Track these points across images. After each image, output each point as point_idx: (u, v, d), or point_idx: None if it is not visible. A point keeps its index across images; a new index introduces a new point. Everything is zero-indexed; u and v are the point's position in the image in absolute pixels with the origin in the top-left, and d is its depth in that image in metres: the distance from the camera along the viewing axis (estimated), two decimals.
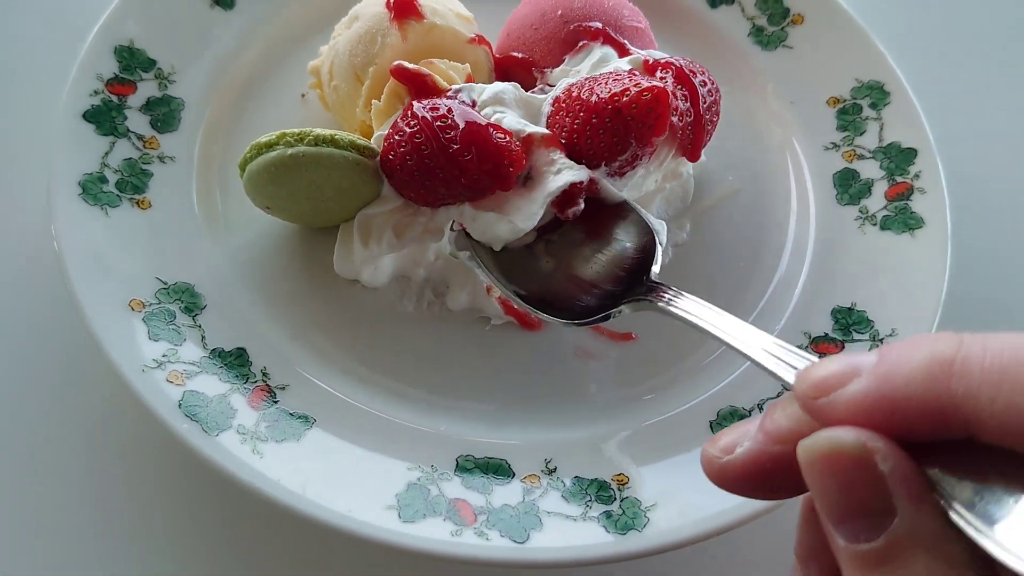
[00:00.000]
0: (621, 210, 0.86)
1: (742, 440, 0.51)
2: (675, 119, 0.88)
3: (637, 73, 0.88)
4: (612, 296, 0.81)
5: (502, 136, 0.83)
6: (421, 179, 0.84)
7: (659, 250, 0.82)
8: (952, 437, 0.43)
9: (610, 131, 0.83)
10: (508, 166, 0.83)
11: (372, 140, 0.88)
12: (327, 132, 0.84)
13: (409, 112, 0.84)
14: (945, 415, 0.42)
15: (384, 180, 0.87)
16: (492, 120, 0.85)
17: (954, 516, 0.41)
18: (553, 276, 0.85)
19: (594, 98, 0.84)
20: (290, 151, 0.83)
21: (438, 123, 0.83)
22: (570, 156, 0.86)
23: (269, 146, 0.84)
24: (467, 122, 0.83)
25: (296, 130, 0.84)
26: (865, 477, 0.42)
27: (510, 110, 0.88)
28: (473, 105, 0.87)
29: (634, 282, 0.80)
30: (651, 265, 0.81)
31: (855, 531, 0.42)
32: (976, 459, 0.43)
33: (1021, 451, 0.41)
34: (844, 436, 0.44)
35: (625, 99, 0.83)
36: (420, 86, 0.88)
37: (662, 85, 0.84)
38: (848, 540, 0.43)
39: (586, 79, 0.88)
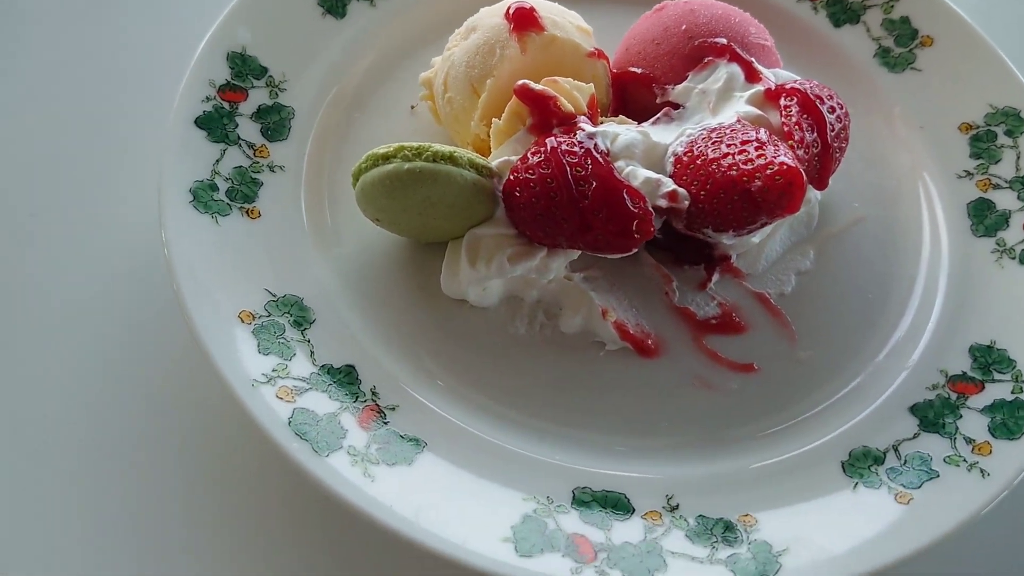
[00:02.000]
0: None
1: None
2: (801, 152, 0.84)
3: (763, 135, 0.83)
4: None
5: (635, 201, 0.81)
6: (544, 222, 0.82)
7: None
8: None
9: (738, 207, 0.81)
10: (635, 234, 0.81)
11: (490, 159, 0.85)
12: (446, 149, 0.81)
13: (543, 150, 0.82)
14: None
15: (499, 203, 0.84)
16: (625, 173, 0.83)
17: None
18: None
19: (720, 173, 0.81)
20: (407, 165, 0.80)
21: (574, 171, 0.80)
22: (693, 218, 0.84)
23: (386, 158, 0.81)
24: (603, 178, 0.81)
25: (415, 144, 0.81)
26: None
27: (640, 165, 0.85)
28: (607, 154, 0.84)
29: None
30: None
31: None
32: None
33: None
34: None
35: (757, 183, 0.79)
36: (544, 108, 0.85)
37: (794, 164, 0.80)
38: None
39: (709, 133, 0.85)
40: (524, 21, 0.90)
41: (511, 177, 0.83)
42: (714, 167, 0.82)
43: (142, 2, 1.15)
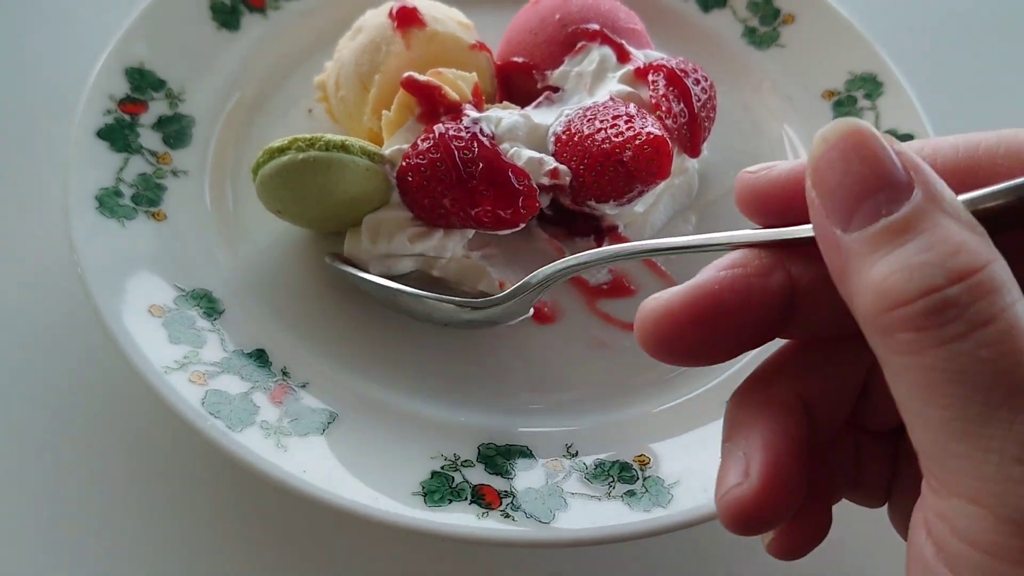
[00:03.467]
0: None
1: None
2: (669, 121, 0.91)
3: (632, 109, 0.89)
4: None
5: (519, 179, 0.86)
6: (436, 204, 0.86)
7: None
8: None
9: (615, 177, 0.87)
10: (521, 209, 0.86)
11: (383, 148, 0.90)
12: (338, 138, 0.86)
13: (432, 136, 0.87)
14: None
15: (394, 189, 0.89)
16: (510, 154, 0.88)
17: None
18: None
19: (595, 148, 0.87)
20: (301, 155, 0.84)
21: (461, 155, 0.85)
22: (577, 192, 0.90)
23: (281, 150, 0.85)
24: (489, 159, 0.86)
25: (308, 135, 0.85)
26: (886, 152, 0.43)
27: (523, 146, 0.90)
28: (492, 137, 0.89)
29: None
30: None
31: (875, 207, 0.43)
32: None
33: None
34: (862, 123, 0.46)
35: (628, 153, 0.86)
36: (430, 97, 0.90)
37: (660, 133, 0.87)
38: (867, 219, 0.43)
39: (584, 112, 0.91)
40: (407, 18, 0.96)
41: (403, 163, 0.87)
42: (589, 142, 0.88)
43: (40, 20, 1.17)
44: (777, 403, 0.53)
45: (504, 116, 0.91)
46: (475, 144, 0.86)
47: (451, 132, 0.87)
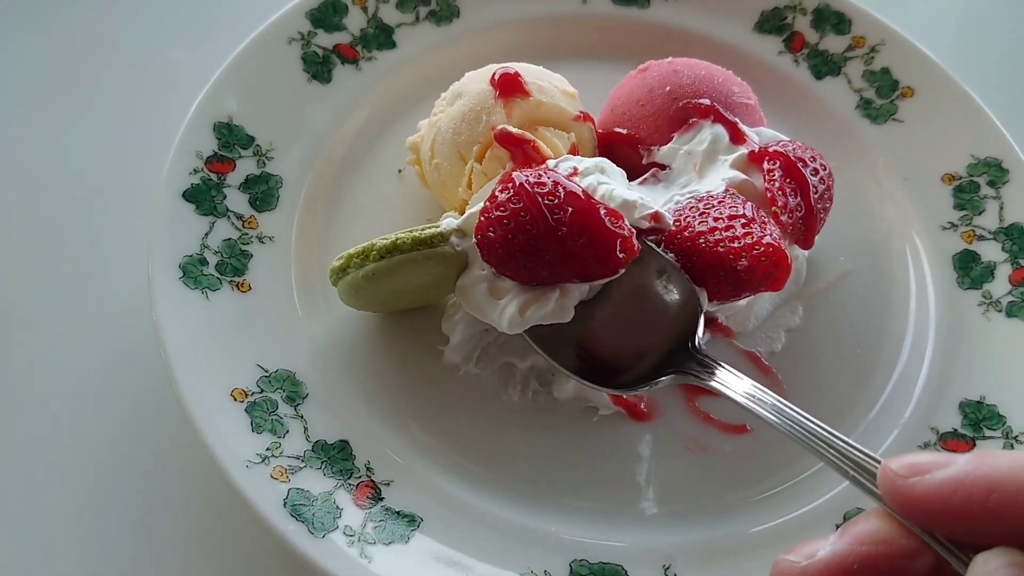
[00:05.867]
0: (663, 271, 0.83)
1: (823, 547, 0.52)
2: (785, 217, 0.85)
3: (750, 211, 0.83)
4: (655, 364, 0.80)
5: (614, 220, 0.78)
6: (523, 258, 0.78)
7: (702, 317, 0.81)
8: None
9: (724, 282, 0.81)
10: (619, 254, 0.78)
11: (470, 203, 0.85)
12: (387, 240, 0.81)
13: (511, 185, 0.78)
14: None
15: (475, 254, 0.82)
16: (598, 191, 0.82)
17: None
18: (595, 341, 0.83)
19: (707, 248, 0.81)
20: (362, 272, 0.81)
21: (546, 201, 0.77)
22: None
23: (343, 270, 0.82)
24: (578, 203, 0.77)
25: (360, 247, 0.81)
26: None
27: (612, 179, 0.85)
28: (574, 174, 0.84)
29: (678, 349, 0.80)
30: (695, 331, 0.80)
31: None
32: None
33: None
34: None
35: (743, 263, 0.80)
36: (523, 151, 0.86)
37: (779, 244, 0.81)
38: None
39: (696, 203, 0.85)
40: (509, 87, 0.91)
41: (482, 218, 0.80)
42: (702, 241, 0.82)
43: (128, 74, 1.14)
44: None
45: (600, 183, 0.84)
46: (560, 189, 0.78)
47: (531, 179, 0.78)
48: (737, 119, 0.93)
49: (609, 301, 0.83)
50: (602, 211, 0.78)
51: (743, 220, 0.82)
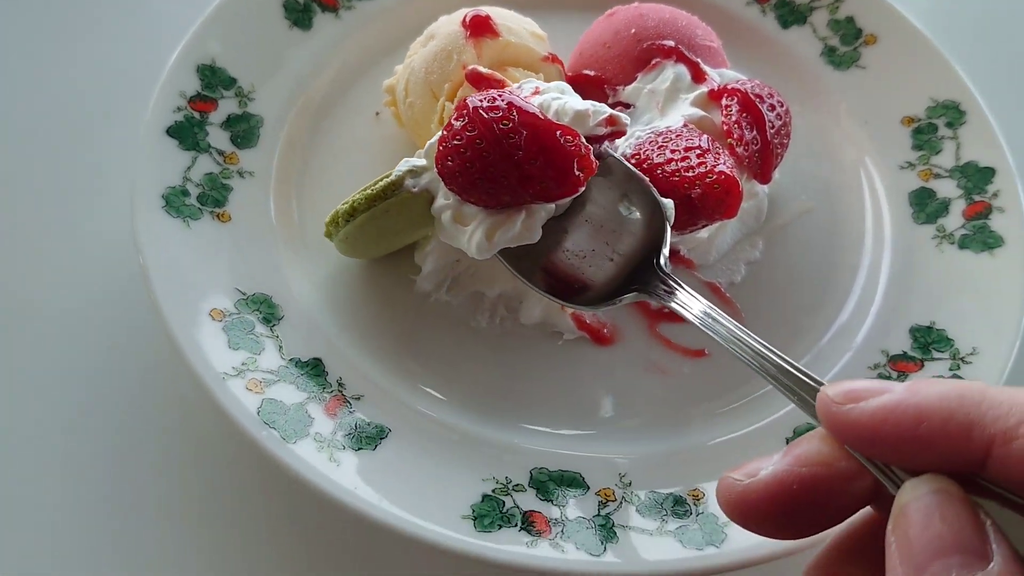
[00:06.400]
0: (629, 183, 0.84)
1: (765, 466, 0.54)
2: (740, 149, 0.89)
3: (705, 142, 0.87)
4: (621, 280, 0.81)
5: (570, 139, 0.78)
6: (484, 184, 0.79)
7: (667, 234, 0.81)
8: (957, 469, 0.47)
9: (680, 211, 0.83)
10: (577, 172, 0.79)
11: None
12: (346, 205, 0.85)
13: (466, 112, 0.78)
14: (967, 439, 0.46)
15: (438, 184, 0.83)
16: (551, 108, 0.81)
17: None
18: (564, 257, 0.84)
19: (663, 178, 0.84)
20: (339, 236, 0.87)
21: (500, 126, 0.77)
22: None
23: (329, 236, 0.89)
24: (532, 125, 0.77)
25: (330, 215, 0.86)
26: (974, 521, 0.45)
27: (566, 95, 0.85)
28: (534, 93, 0.84)
29: (642, 267, 0.80)
30: (661, 249, 0.80)
31: (946, 569, 0.43)
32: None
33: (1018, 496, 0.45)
34: (951, 483, 0.47)
35: (697, 190, 0.83)
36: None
37: (731, 173, 0.84)
38: None
39: (655, 137, 0.89)
40: (480, 27, 0.95)
41: (440, 147, 0.80)
42: (659, 172, 0.85)
43: (113, 17, 1.19)
44: None
45: (553, 100, 0.83)
46: (514, 112, 0.78)
47: (485, 104, 0.78)
48: (699, 60, 0.96)
49: (579, 216, 0.84)
50: (557, 132, 0.77)
51: (698, 151, 0.85)
